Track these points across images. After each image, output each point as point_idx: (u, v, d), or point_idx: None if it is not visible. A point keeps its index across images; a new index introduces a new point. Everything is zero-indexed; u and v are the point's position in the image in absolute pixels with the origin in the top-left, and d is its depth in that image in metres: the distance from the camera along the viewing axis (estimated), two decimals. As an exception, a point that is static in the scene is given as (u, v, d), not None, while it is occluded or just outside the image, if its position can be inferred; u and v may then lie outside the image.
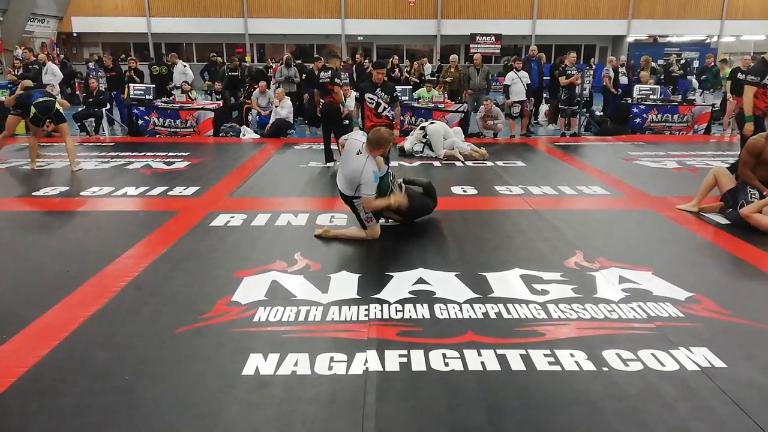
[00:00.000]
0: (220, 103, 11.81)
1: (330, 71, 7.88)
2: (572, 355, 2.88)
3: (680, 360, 2.84)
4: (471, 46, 21.80)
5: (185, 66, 13.19)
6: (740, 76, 10.88)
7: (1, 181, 7.18)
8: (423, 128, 8.93)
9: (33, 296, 3.63)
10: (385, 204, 4.75)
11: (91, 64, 15.21)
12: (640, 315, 3.35)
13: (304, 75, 12.19)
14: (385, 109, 6.70)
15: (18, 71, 13.11)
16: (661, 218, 5.44)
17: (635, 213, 5.73)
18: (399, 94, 7.47)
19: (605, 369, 2.76)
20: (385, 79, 6.99)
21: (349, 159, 4.69)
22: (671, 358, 2.86)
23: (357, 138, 4.77)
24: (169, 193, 6.45)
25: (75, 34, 24.31)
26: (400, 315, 3.35)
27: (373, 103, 6.70)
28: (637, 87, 11.86)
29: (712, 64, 13.94)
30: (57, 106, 7.75)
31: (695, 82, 14.86)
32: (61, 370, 2.76)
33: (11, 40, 19.52)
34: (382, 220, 5.00)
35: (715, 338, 3.07)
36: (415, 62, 16.83)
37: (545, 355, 2.88)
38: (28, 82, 8.45)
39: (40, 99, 7.67)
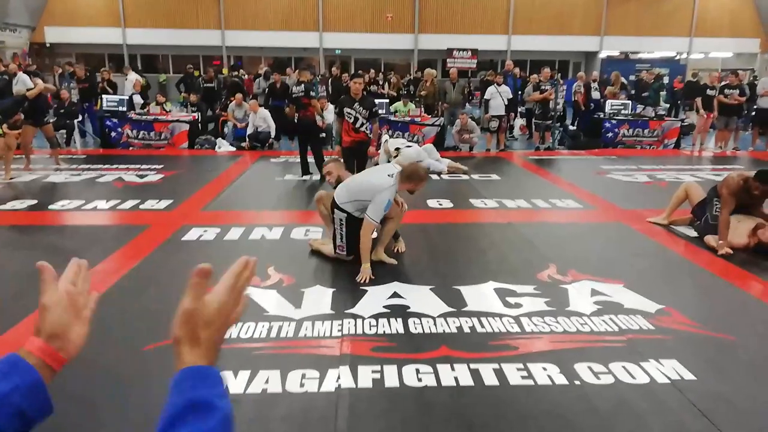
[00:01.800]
0: (196, 115, 11.71)
1: (303, 84, 7.89)
2: (545, 369, 2.89)
3: (650, 372, 2.86)
4: (447, 60, 22.04)
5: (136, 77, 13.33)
6: (710, 92, 11.25)
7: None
8: (397, 149, 8.86)
9: (-5, 314, 3.51)
10: (367, 262, 4.21)
11: (61, 75, 14.98)
12: (611, 328, 3.37)
13: (266, 89, 12.21)
14: (363, 124, 6.47)
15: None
16: (632, 231, 5.53)
17: (607, 226, 5.82)
18: (378, 108, 7.26)
19: (577, 382, 2.77)
20: (365, 93, 6.87)
21: (375, 172, 4.52)
22: (642, 370, 2.88)
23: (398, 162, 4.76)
24: (141, 206, 6.34)
25: (48, 45, 23.91)
26: (374, 330, 3.32)
27: (351, 118, 6.46)
28: (609, 102, 12.11)
29: (652, 79, 14.04)
30: None
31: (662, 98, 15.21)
32: (21, 391, 2.66)
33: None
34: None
35: (684, 350, 3.11)
36: (395, 77, 16.98)
37: (518, 369, 2.88)
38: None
39: None
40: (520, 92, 12.46)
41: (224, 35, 23.74)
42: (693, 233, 5.36)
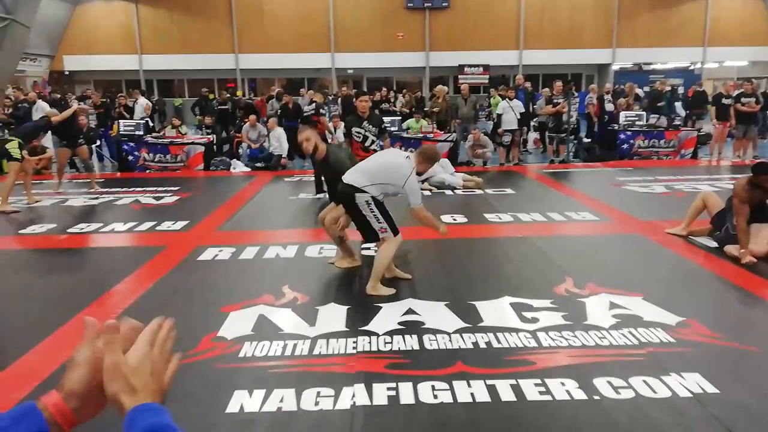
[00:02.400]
0: (211, 137, 11.87)
1: (314, 104, 7.98)
2: (563, 384, 2.84)
3: (672, 386, 2.79)
4: (459, 76, 22.16)
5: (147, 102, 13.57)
6: (725, 101, 11.14)
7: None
8: None
9: (14, 338, 3.55)
10: (435, 225, 4.39)
11: (79, 100, 15.33)
12: (631, 341, 3.31)
13: (278, 110, 12.35)
14: (373, 142, 6.19)
15: (8, 110, 13.14)
16: (650, 242, 5.45)
17: (624, 238, 5.74)
18: (387, 125, 7.10)
19: (596, 397, 2.72)
20: (375, 111, 6.71)
21: (388, 154, 4.58)
22: (663, 384, 2.81)
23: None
24: (158, 228, 6.41)
25: (67, 73, 24.52)
26: (388, 347, 3.30)
27: (360, 137, 6.16)
28: (623, 113, 12.04)
29: (667, 89, 13.94)
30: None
31: (680, 108, 15.10)
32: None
33: (3, 79, 19.66)
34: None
35: (706, 363, 3.04)
36: (407, 94, 17.11)
37: (536, 385, 2.83)
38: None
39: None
40: (533, 105, 12.46)
41: (238, 58, 24.15)
42: (712, 243, 5.26)
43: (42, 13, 20.68)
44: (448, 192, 8.28)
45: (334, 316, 3.78)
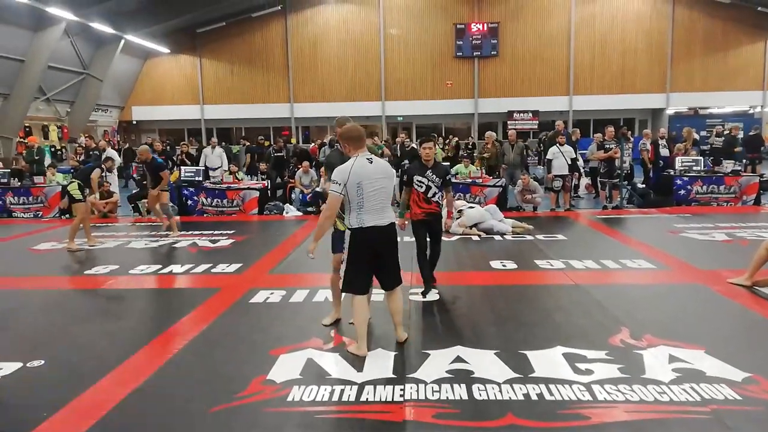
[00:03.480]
0: (266, 182, 12.27)
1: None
2: (620, 441, 2.71)
3: (740, 448, 2.62)
4: (508, 122, 22.21)
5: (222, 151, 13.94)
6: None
7: (57, 260, 7.54)
8: (460, 211, 8.88)
9: (76, 373, 3.71)
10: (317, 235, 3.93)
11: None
12: (693, 397, 3.14)
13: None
14: (435, 194, 5.41)
15: (80, 157, 14.06)
16: (712, 293, 5.20)
17: (684, 287, 5.51)
18: (452, 176, 6.46)
19: (657, 457, 2.58)
20: (436, 160, 5.67)
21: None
22: (730, 445, 2.65)
23: None
24: (213, 270, 6.61)
25: (134, 122, 26.12)
26: (436, 395, 3.25)
27: (422, 187, 5.41)
28: (679, 159, 11.73)
29: (738, 134, 13.47)
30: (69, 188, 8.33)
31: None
32: (96, 450, 2.77)
33: (77, 128, 21.12)
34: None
35: (778, 424, 2.84)
36: (450, 139, 17.31)
37: (591, 441, 2.72)
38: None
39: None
40: (582, 152, 12.32)
41: (293, 108, 25.12)
42: (781, 295, 4.98)
43: (115, 68, 22.29)
44: (498, 238, 8.21)
45: (381, 361, 3.76)
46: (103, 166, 8.97)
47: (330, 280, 4.70)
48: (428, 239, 5.48)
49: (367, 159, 3.86)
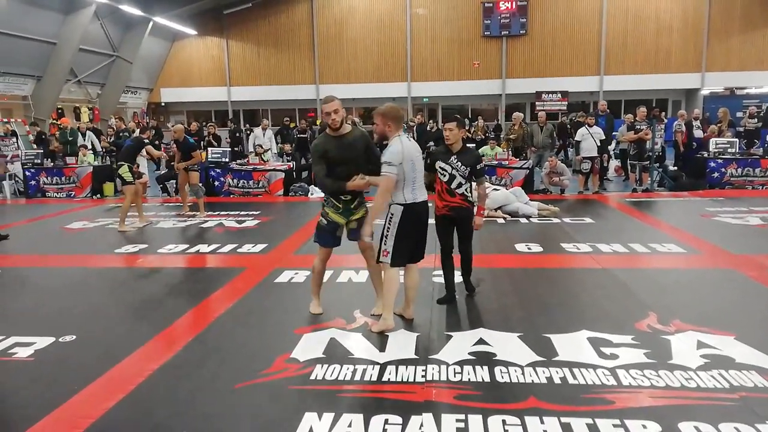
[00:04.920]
0: (291, 164, 12.33)
1: None
2: (644, 427, 2.67)
3: (769, 436, 2.56)
4: (537, 103, 21.80)
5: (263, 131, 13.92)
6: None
7: (89, 238, 7.73)
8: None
9: (106, 349, 3.81)
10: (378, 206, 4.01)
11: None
12: (721, 384, 3.07)
13: None
14: (461, 185, 4.50)
15: (111, 138, 14.31)
16: (745, 278, 5.07)
17: (715, 272, 5.37)
18: (484, 165, 5.16)
19: (682, 443, 2.54)
20: (465, 143, 4.75)
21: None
22: (759, 433, 2.59)
23: None
24: (239, 250, 6.70)
25: (163, 104, 26.44)
26: (458, 377, 3.25)
27: (445, 176, 4.51)
28: (713, 140, 11.38)
29: None
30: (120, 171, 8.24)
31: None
32: (125, 424, 2.85)
33: (107, 110, 21.48)
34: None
35: (810, 413, 2.77)
36: (479, 121, 17.08)
37: (614, 426, 2.69)
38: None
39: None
40: (615, 132, 12.04)
41: (318, 89, 25.08)
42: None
43: (143, 50, 22.54)
44: (523, 220, 8.11)
45: (404, 342, 3.77)
46: (145, 140, 8.86)
47: (314, 270, 4.45)
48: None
49: (407, 137, 4.00)
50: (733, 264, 5.54)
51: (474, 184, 4.61)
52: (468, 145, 4.93)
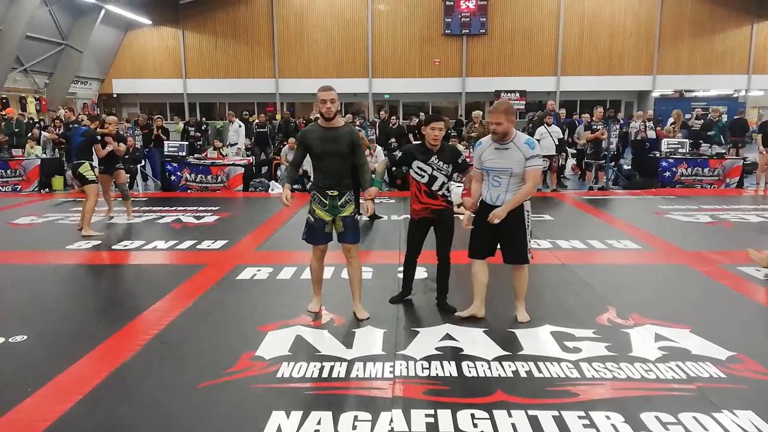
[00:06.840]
0: (250, 159, 12.11)
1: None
2: (608, 418, 2.74)
3: (724, 424, 2.67)
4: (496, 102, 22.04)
5: (240, 125, 13.64)
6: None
7: (38, 234, 7.39)
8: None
9: (59, 349, 3.64)
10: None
11: (128, 124, 15.86)
12: (679, 375, 3.18)
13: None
14: (443, 185, 4.30)
15: (59, 130, 13.71)
16: (697, 274, 5.27)
17: (669, 268, 5.57)
18: (466, 158, 4.78)
19: (644, 433, 2.61)
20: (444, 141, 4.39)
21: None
22: (715, 422, 2.69)
23: None
24: (198, 246, 6.53)
25: (115, 95, 25.53)
26: (426, 372, 3.25)
27: (424, 177, 4.26)
28: (665, 141, 11.80)
29: (718, 117, 13.63)
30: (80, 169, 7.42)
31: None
32: (84, 425, 2.73)
33: (55, 101, 20.59)
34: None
35: (761, 401, 2.89)
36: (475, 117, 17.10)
37: (580, 417, 2.74)
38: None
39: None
40: (568, 132, 12.32)
41: (278, 83, 24.73)
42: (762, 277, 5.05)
43: (95, 39, 21.69)
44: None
45: (370, 338, 3.75)
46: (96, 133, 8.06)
47: (311, 269, 4.38)
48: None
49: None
50: (686, 260, 5.75)
51: (452, 182, 4.47)
52: (446, 144, 4.59)
